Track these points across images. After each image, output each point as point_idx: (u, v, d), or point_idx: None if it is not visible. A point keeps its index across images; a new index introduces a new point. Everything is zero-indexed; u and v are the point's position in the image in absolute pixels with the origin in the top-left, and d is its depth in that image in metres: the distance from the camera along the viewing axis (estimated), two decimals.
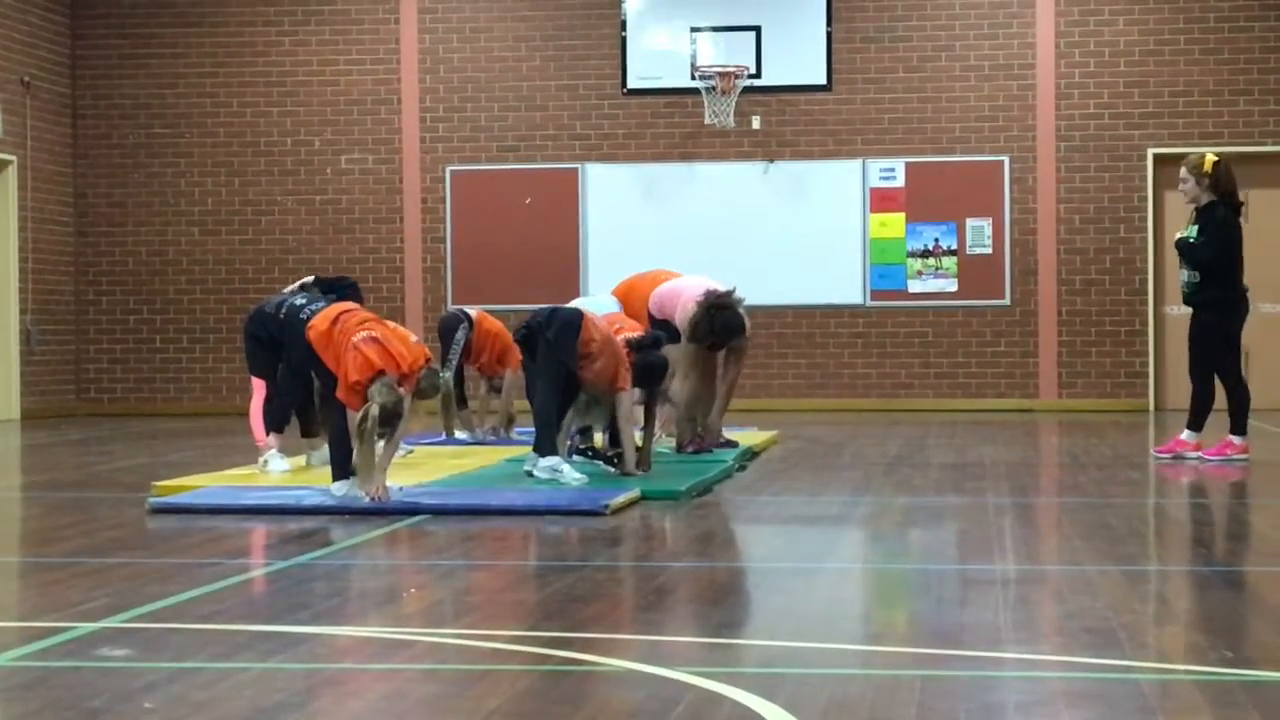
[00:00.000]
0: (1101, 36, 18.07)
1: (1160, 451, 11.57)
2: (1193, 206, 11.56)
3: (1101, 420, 16.16)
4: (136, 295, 19.10)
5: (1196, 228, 11.41)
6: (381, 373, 8.41)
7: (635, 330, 10.20)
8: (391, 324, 8.94)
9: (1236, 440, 11.29)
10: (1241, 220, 11.50)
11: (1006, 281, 18.15)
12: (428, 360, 8.72)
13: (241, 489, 9.30)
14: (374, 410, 8.29)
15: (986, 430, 14.96)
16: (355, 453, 8.46)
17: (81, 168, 19.11)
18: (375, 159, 18.81)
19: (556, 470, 9.37)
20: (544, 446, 9.47)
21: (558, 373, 9.51)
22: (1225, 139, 17.87)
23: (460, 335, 12.31)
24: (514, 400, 12.36)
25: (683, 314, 11.05)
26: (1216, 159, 11.39)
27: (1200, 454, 11.26)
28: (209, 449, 13.09)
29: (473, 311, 12.70)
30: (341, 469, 8.64)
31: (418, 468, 10.30)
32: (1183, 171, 11.53)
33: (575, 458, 10.10)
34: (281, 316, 10.08)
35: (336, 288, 10.38)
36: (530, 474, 9.56)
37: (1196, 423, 11.35)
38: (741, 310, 11.06)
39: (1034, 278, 18.13)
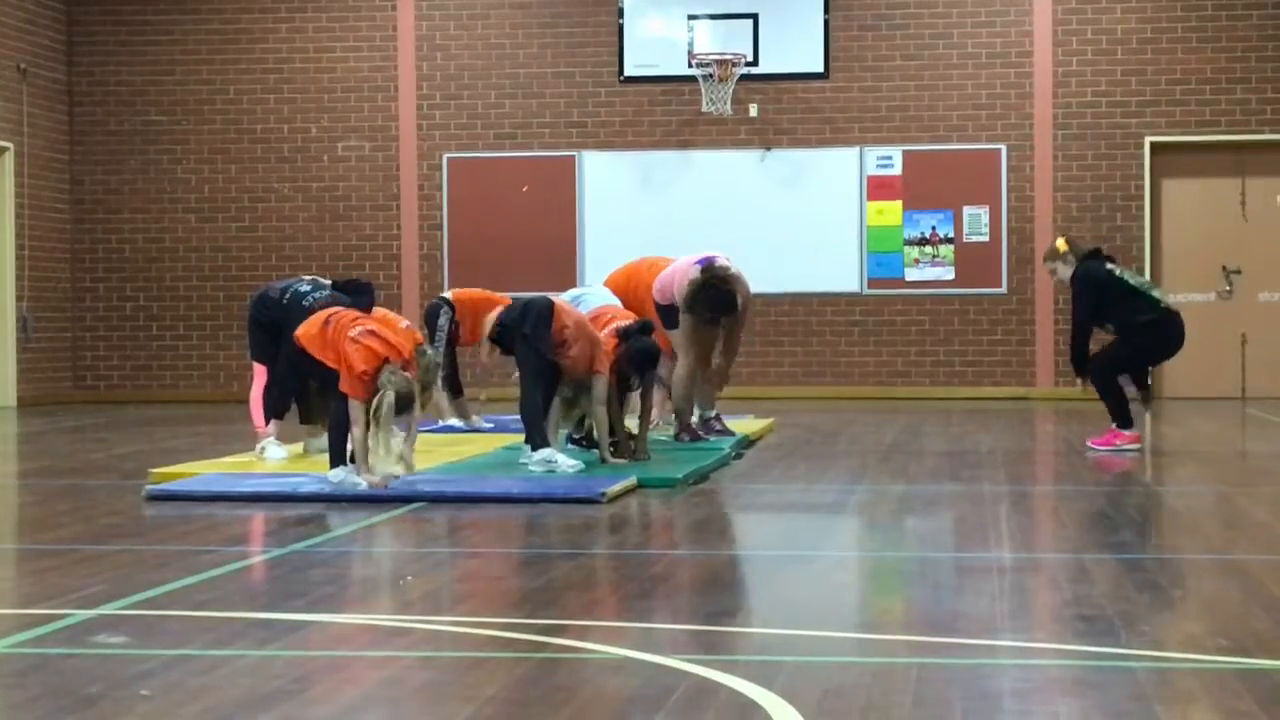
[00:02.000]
0: (1099, 24, 18.06)
1: (1095, 444, 11.59)
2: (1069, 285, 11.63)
3: (1098, 409, 16.12)
4: (133, 282, 19.09)
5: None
6: (387, 361, 8.44)
7: (627, 319, 10.20)
8: (382, 311, 8.94)
9: (1126, 432, 11.36)
10: (1110, 267, 11.55)
11: (1003, 270, 18.15)
12: (418, 344, 8.76)
13: (238, 476, 9.30)
14: (389, 397, 8.32)
15: (983, 418, 14.97)
16: (370, 439, 8.46)
17: (78, 155, 19.09)
18: (372, 146, 18.80)
19: (550, 461, 9.37)
20: (535, 440, 9.47)
21: (539, 366, 9.51)
22: (1222, 127, 17.87)
23: (443, 321, 12.29)
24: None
25: (681, 287, 11.07)
26: (1064, 238, 11.85)
27: (1092, 444, 11.41)
28: (205, 436, 13.09)
29: (450, 294, 12.65)
30: (339, 456, 8.65)
31: (415, 455, 10.28)
32: (1047, 265, 11.86)
33: (570, 445, 10.11)
34: (284, 301, 10.08)
35: (350, 290, 10.24)
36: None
37: (1124, 420, 11.36)
38: (741, 281, 11.12)
39: (1031, 266, 18.13)
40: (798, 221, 18.26)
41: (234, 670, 4.65)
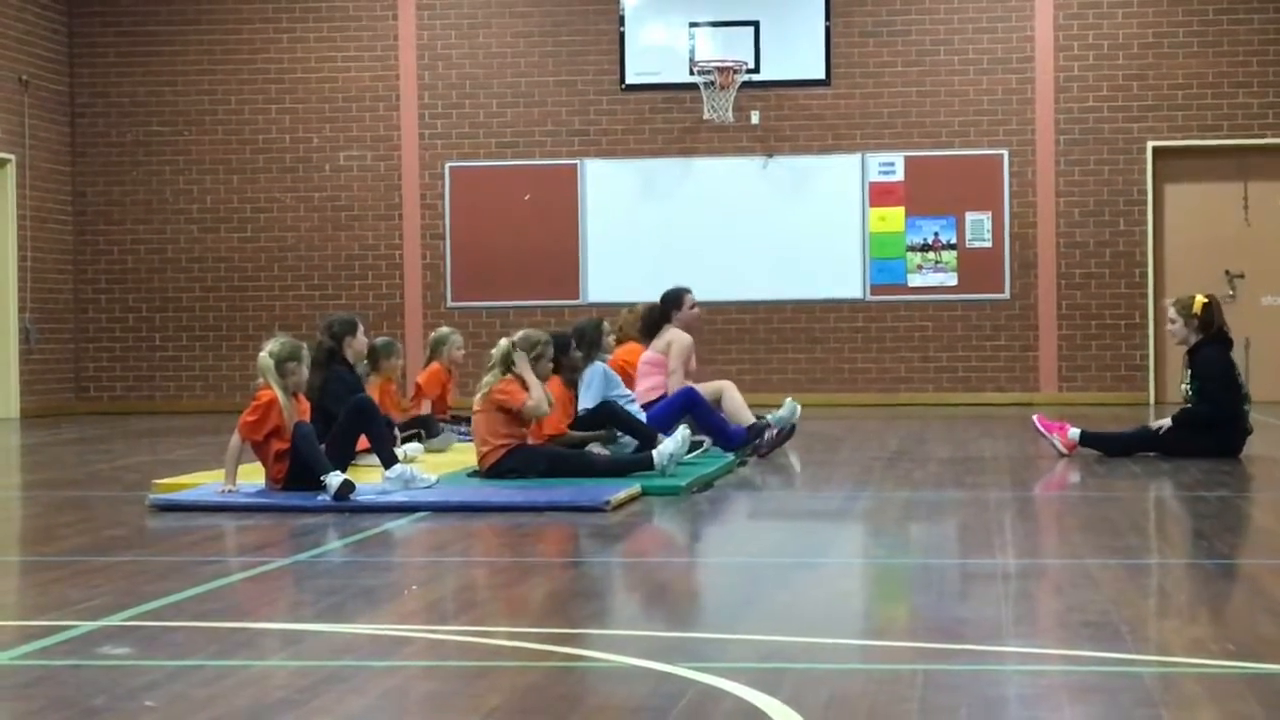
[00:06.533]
0: (1100, 29, 18.06)
1: (1041, 421, 11.69)
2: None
3: (1101, 413, 16.14)
4: (135, 293, 19.09)
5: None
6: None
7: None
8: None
9: (1072, 434, 11.37)
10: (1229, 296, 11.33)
11: (1006, 275, 18.14)
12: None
13: (241, 487, 9.27)
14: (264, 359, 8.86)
15: (986, 424, 14.96)
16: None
17: (80, 166, 19.10)
18: (374, 156, 18.80)
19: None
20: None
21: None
22: (1224, 131, 17.87)
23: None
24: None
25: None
26: (1204, 299, 11.29)
27: (1037, 418, 11.75)
28: (209, 447, 13.07)
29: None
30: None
31: (418, 465, 10.28)
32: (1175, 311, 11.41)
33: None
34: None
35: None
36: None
37: (1098, 443, 11.39)
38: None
39: (1033, 271, 18.13)
40: (800, 228, 18.25)
41: (238, 681, 4.64)
